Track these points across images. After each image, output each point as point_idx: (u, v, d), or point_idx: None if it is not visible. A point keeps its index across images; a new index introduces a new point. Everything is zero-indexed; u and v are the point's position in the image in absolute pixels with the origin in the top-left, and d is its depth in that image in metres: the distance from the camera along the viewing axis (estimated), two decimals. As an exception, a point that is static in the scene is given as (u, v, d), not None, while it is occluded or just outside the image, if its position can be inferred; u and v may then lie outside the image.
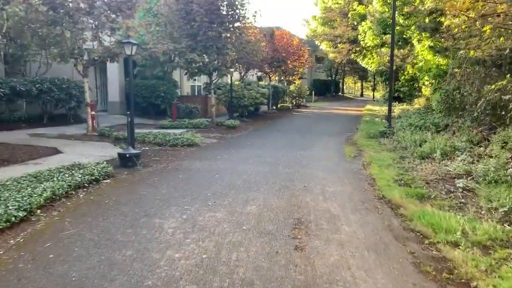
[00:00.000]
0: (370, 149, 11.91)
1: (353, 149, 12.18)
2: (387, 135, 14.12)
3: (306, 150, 11.90)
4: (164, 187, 7.18)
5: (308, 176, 8.33)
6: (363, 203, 6.49)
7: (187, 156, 10.44)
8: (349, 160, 10.31)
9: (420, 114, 19.89)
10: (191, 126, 16.95)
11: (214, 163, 9.48)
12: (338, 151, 11.83)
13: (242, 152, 11.29)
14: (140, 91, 19.97)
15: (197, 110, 20.53)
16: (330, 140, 14.27)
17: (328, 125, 19.82)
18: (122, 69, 21.03)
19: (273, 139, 14.24)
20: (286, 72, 28.29)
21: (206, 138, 14.21)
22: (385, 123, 18.89)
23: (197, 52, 15.70)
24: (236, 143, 13.07)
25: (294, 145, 12.85)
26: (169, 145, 11.86)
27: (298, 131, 16.94)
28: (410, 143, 11.80)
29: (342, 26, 31.38)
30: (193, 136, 12.65)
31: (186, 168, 8.86)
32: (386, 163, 9.57)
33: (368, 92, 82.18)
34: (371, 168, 9.18)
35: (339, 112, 29.75)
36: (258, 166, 9.26)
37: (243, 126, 17.96)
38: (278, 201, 6.45)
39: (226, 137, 14.69)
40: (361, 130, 17.02)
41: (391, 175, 8.32)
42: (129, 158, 8.86)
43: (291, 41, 28.78)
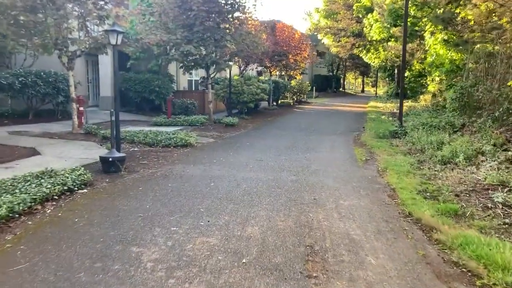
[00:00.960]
0: (382, 151, 10.81)
1: (364, 151, 11.07)
2: (399, 135, 13.01)
3: (311, 152, 10.80)
4: (150, 200, 6.07)
5: (317, 185, 7.22)
6: (387, 222, 5.39)
7: (179, 159, 9.32)
8: (361, 165, 9.20)
9: (430, 112, 18.80)
10: (186, 123, 15.83)
11: (210, 168, 8.36)
12: (347, 154, 10.73)
13: (241, 154, 10.19)
14: (133, 86, 18.83)
15: (194, 106, 19.39)
16: (337, 140, 13.16)
17: (332, 123, 18.70)
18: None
19: (275, 139, 13.13)
20: (287, 66, 27.14)
21: (203, 137, 13.09)
22: (395, 122, 17.83)
23: (193, 44, 14.54)
24: (235, 144, 11.97)
25: (298, 146, 11.75)
26: (161, 146, 10.74)
27: (301, 129, 15.83)
28: (426, 145, 10.71)
29: (346, 19, 30.15)
30: (187, 135, 11.52)
31: (177, 175, 7.74)
32: (404, 169, 8.47)
33: (368, 88, 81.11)
34: (388, 175, 8.08)
35: (342, 108, 28.62)
36: (260, 172, 8.15)
37: (243, 124, 16.83)
38: (284, 220, 5.34)
39: (224, 136, 13.56)
40: (369, 129, 15.91)
41: (412, 185, 7.22)
42: (112, 162, 7.75)
43: (293, 35, 27.62)
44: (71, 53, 12.16)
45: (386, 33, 22.24)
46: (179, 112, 18.77)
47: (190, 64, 15.52)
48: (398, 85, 38.43)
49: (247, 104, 19.04)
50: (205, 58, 14.82)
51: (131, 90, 18.95)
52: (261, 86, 19.58)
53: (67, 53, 12.08)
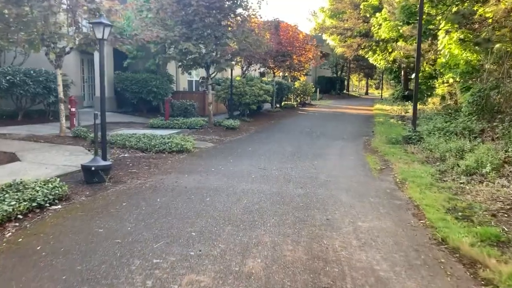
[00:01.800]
0: (397, 159, 9.84)
1: (376, 158, 10.11)
2: (413, 141, 12.04)
3: (319, 159, 9.84)
4: (133, 220, 5.12)
5: (329, 201, 6.27)
6: (417, 252, 4.43)
7: (173, 167, 8.38)
8: (376, 175, 8.24)
9: (442, 115, 17.81)
10: (185, 126, 14.90)
11: (206, 179, 7.42)
12: (358, 161, 9.77)
13: (242, 161, 9.24)
14: (129, 86, 17.94)
15: (193, 107, 18.46)
16: (346, 146, 12.20)
17: (339, 126, 17.74)
18: (111, 60, 19.01)
19: (279, 144, 12.18)
20: (291, 67, 26.18)
21: (201, 141, 12.16)
22: (406, 126, 16.85)
23: (193, 41, 13.61)
24: (236, 149, 11.02)
25: (304, 152, 10.80)
26: (154, 151, 9.80)
27: (307, 133, 14.87)
28: (446, 153, 9.74)
29: (353, 18, 29.16)
30: (184, 139, 10.58)
31: (168, 187, 6.80)
32: (425, 181, 7.51)
33: (372, 90, 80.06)
34: (409, 188, 7.12)
35: (348, 111, 27.65)
36: (262, 183, 7.20)
37: (244, 127, 15.89)
38: (293, 248, 4.39)
39: (224, 140, 12.62)
40: (379, 133, 14.95)
41: (439, 201, 6.26)
42: (95, 172, 6.82)
43: (297, 35, 26.68)
44: (59, 50, 11.25)
45: (396, 32, 21.27)
46: (178, 113, 17.85)
47: (189, 63, 14.59)
48: (405, 87, 37.51)
49: (249, 106, 18.10)
50: (205, 57, 13.88)
51: (128, 91, 18.07)
52: (264, 87, 18.63)
53: (54, 50, 11.18)
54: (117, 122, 16.37)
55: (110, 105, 18.98)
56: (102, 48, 7.64)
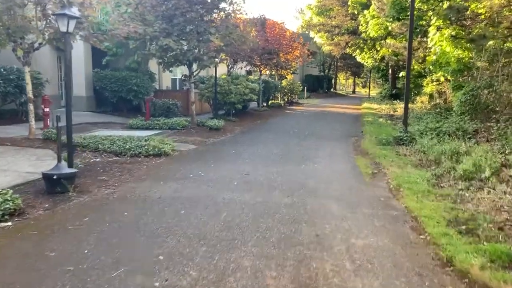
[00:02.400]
0: (389, 162, 9.28)
1: (367, 161, 9.53)
2: (405, 142, 11.51)
3: (307, 162, 9.23)
4: (92, 240, 4.43)
5: (318, 212, 5.65)
6: (421, 277, 3.82)
7: (148, 173, 7.67)
8: (368, 181, 7.65)
9: (432, 114, 17.39)
10: (166, 126, 14.16)
11: (184, 187, 6.73)
12: (348, 165, 9.18)
13: (224, 166, 8.57)
14: (109, 84, 17.12)
15: (176, 107, 17.69)
16: (335, 147, 11.61)
17: (327, 126, 17.17)
18: (89, 58, 18.12)
19: (265, 145, 11.54)
20: (278, 65, 25.56)
21: (182, 143, 11.45)
22: (396, 126, 16.34)
23: (173, 37, 12.87)
24: (218, 152, 10.35)
25: (291, 154, 10.18)
26: (129, 155, 9.07)
27: (294, 134, 14.26)
28: (441, 155, 9.21)
29: (341, 15, 28.66)
30: (162, 142, 9.86)
31: (140, 197, 6.10)
32: (421, 187, 6.94)
33: (358, 89, 79.85)
34: (404, 196, 6.54)
35: (335, 110, 27.14)
36: (245, 192, 6.54)
37: (229, 127, 15.21)
38: (277, 275, 3.74)
39: (207, 142, 11.93)
40: (368, 133, 14.41)
41: (438, 211, 5.69)
42: (57, 181, 6.08)
43: (284, 32, 26.08)
44: (27, 46, 10.44)
45: (384, 30, 20.80)
46: (159, 113, 17.09)
47: (170, 60, 13.84)
48: (393, 86, 37.19)
49: (234, 105, 17.43)
50: (187, 54, 13.15)
51: (107, 89, 17.25)
52: (250, 86, 17.97)
53: (22, 46, 10.36)
54: (95, 122, 15.57)
55: (89, 105, 18.15)
56: (68, 43, 6.89)
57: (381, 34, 21.15)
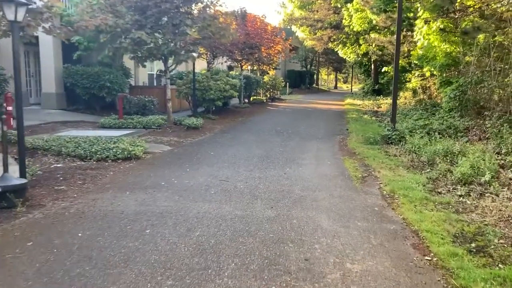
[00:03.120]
0: (379, 163, 8.64)
1: (356, 163, 8.87)
2: (393, 140, 10.91)
3: (291, 165, 8.51)
4: (31, 274, 3.59)
5: (306, 228, 4.92)
6: (434, 316, 3.14)
7: (114, 181, 6.82)
8: (358, 186, 6.97)
9: (418, 111, 16.91)
10: (140, 125, 13.26)
11: (152, 198, 5.92)
12: (336, 167, 8.49)
13: (201, 170, 7.78)
14: (80, 81, 16.04)
15: (152, 104, 16.77)
16: (320, 147, 10.93)
17: (311, 123, 16.51)
18: (59, 53, 16.97)
19: (246, 146, 10.77)
20: (260, 60, 24.77)
21: (157, 144, 10.61)
22: (381, 123, 15.77)
23: (147, 30, 11.96)
24: (195, 154, 9.53)
25: (274, 156, 9.44)
26: (96, 159, 8.18)
27: (277, 132, 13.53)
28: (434, 156, 8.62)
29: (323, 9, 27.98)
30: (133, 143, 8.98)
31: (100, 212, 5.26)
32: (417, 194, 6.28)
33: (340, 84, 79.69)
34: (400, 204, 5.87)
35: (318, 106, 26.55)
36: (223, 203, 5.77)
37: (208, 126, 14.39)
38: (259, 320, 3.01)
39: (184, 142, 11.10)
40: (354, 131, 13.78)
41: (440, 223, 5.04)
42: (2, 194, 5.20)
43: (265, 26, 25.29)
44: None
45: (368, 24, 20.22)
46: (135, 111, 16.14)
47: (144, 54, 12.92)
48: (375, 81, 36.84)
49: (214, 102, 16.59)
50: (161, 48, 12.25)
51: (78, 86, 16.17)
52: (230, 82, 17.15)
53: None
54: (64, 121, 14.54)
55: (60, 102, 17.04)
56: (16, 34, 5.96)
57: (365, 28, 20.56)
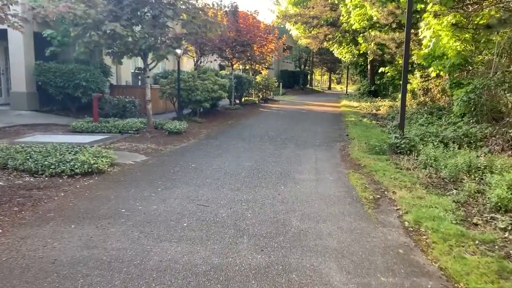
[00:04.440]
0: (391, 179, 7.24)
1: (363, 178, 7.46)
2: (403, 150, 9.54)
3: (287, 182, 7.09)
4: None
5: (312, 287, 3.50)
6: None
7: (60, 208, 5.33)
8: (372, 214, 5.56)
9: (422, 114, 15.57)
10: (115, 130, 11.78)
11: (103, 235, 4.46)
12: (340, 185, 7.08)
13: (176, 190, 6.32)
14: (53, 79, 14.50)
15: (133, 105, 15.30)
16: (320, 157, 9.52)
17: (307, 127, 15.10)
18: (31, 48, 15.39)
19: (235, 156, 9.33)
20: (252, 59, 23.35)
21: (131, 152, 9.14)
22: (385, 128, 14.38)
23: (123, 21, 10.48)
24: (173, 166, 8.06)
25: (267, 170, 8.00)
26: (48, 174, 6.69)
27: (270, 139, 12.10)
28: (455, 171, 7.25)
29: (319, 5, 26.62)
30: (96, 155, 7.48)
31: (21, 261, 3.78)
32: (450, 227, 4.87)
33: (333, 85, 78.42)
34: (431, 244, 4.47)
35: (313, 108, 25.17)
36: (197, 244, 4.32)
37: (193, 130, 12.92)
38: None
39: (163, 151, 9.62)
40: (355, 137, 12.40)
41: (494, 279, 3.65)
42: None
43: (258, 23, 23.90)
44: None
45: (367, 21, 18.88)
46: (114, 113, 14.66)
47: (120, 49, 11.42)
48: (371, 82, 35.60)
49: (201, 104, 15.12)
50: (139, 42, 10.77)
51: (50, 85, 14.63)
52: (219, 82, 15.69)
53: None
54: (34, 124, 13.04)
55: (31, 103, 15.47)
56: None
57: (364, 25, 19.21)
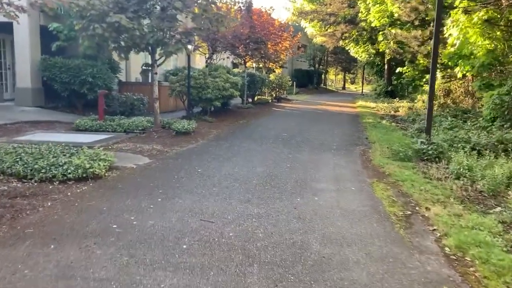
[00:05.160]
0: (421, 192, 6.40)
1: (389, 190, 6.64)
2: (431, 157, 8.67)
3: (304, 193, 6.30)
4: None
5: None
6: None
7: (43, 221, 4.62)
8: (405, 235, 4.75)
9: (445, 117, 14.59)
10: (121, 129, 11.13)
11: (86, 260, 3.72)
12: (366, 197, 6.26)
13: (177, 200, 5.58)
14: (58, 75, 13.92)
15: (142, 103, 14.67)
16: (339, 163, 8.70)
17: (322, 129, 14.28)
18: (37, 42, 14.84)
19: (245, 160, 8.58)
20: (266, 57, 22.58)
21: (134, 153, 8.46)
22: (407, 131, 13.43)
23: (129, 13, 9.80)
24: (177, 171, 7.34)
25: (280, 177, 7.23)
26: (38, 179, 6.02)
27: (284, 141, 11.32)
28: (496, 183, 6.40)
29: (337, 2, 25.71)
30: (94, 157, 6.78)
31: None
32: (502, 259, 4.04)
33: (347, 85, 77.15)
34: (482, 280, 3.66)
35: (329, 108, 24.30)
36: (197, 275, 3.54)
37: (203, 130, 12.20)
38: None
39: (168, 153, 8.91)
40: (376, 141, 11.55)
41: None
42: None
43: (272, 21, 23.14)
44: None
45: (388, 18, 17.96)
46: (122, 110, 14.06)
47: (127, 44, 10.74)
48: (388, 83, 34.53)
49: (211, 102, 14.41)
50: (146, 36, 10.09)
51: (56, 81, 14.06)
52: (231, 79, 14.95)
53: None
54: (37, 121, 12.48)
55: (37, 99, 14.93)
56: None
57: (384, 22, 18.28)
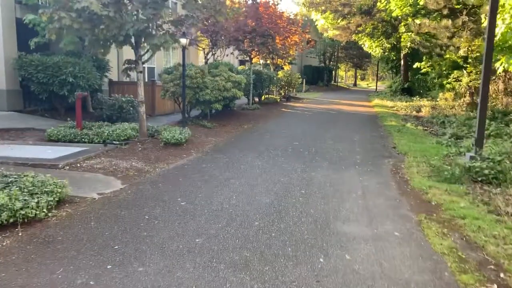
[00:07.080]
0: (495, 239, 4.41)
1: (449, 236, 4.64)
2: (487, 178, 6.65)
3: (328, 245, 4.35)
4: None
5: None
6: None
7: None
8: None
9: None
10: (98, 139, 9.25)
11: None
12: (419, 253, 4.28)
13: (135, 272, 3.65)
14: (34, 74, 12.05)
15: (131, 106, 12.78)
16: (368, 187, 6.71)
17: (340, 135, 12.27)
18: (12, 37, 13.01)
19: (246, 184, 6.64)
20: (274, 52, 20.59)
21: (104, 175, 6.57)
22: (442, 140, 11.26)
23: None
24: (153, 206, 5.42)
25: (292, 214, 5.27)
26: None
27: (296, 152, 9.35)
28: None
29: (352, -10, 23.62)
30: (32, 192, 4.88)
31: None
32: None
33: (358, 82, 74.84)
34: None
35: (343, 108, 22.23)
36: None
37: (199, 140, 10.28)
38: None
39: (149, 174, 6.99)
40: (407, 151, 9.52)
41: None
42: None
43: (281, 13, 21.15)
44: None
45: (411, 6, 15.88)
46: (108, 115, 12.23)
47: (101, 36, 8.80)
48: (405, 79, 32.33)
49: (211, 105, 12.48)
50: (125, 26, 8.19)
51: (32, 81, 12.21)
52: (233, 78, 13.00)
53: None
54: (7, 129, 10.70)
55: (13, 102, 13.11)
56: None
57: (406, 12, 16.19)
